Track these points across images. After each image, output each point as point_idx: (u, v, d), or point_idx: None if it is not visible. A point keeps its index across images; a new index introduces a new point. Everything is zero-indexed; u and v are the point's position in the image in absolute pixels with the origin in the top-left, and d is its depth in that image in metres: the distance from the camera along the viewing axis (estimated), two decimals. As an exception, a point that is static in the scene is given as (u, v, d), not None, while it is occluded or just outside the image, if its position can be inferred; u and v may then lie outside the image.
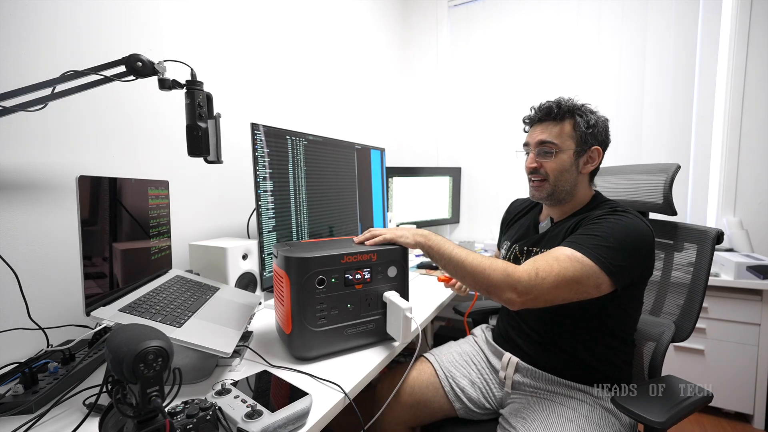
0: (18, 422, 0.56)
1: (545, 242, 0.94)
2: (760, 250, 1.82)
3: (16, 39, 0.80)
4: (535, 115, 0.95)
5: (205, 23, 1.24)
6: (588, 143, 0.90)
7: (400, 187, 2.09)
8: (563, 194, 0.92)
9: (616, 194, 1.15)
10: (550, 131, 0.91)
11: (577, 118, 0.90)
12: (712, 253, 0.93)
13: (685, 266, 1.00)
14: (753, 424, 1.65)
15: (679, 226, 1.03)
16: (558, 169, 0.90)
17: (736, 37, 1.83)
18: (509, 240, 1.08)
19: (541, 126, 0.93)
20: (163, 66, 0.74)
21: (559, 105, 0.91)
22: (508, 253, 1.04)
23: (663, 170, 1.05)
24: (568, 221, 0.93)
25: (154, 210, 0.94)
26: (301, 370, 0.74)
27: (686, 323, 0.95)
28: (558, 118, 0.91)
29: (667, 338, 0.93)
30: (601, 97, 2.12)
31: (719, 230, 0.93)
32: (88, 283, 0.66)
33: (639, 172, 1.12)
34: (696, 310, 0.93)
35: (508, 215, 1.21)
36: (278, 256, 0.81)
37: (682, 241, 1.02)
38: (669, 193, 1.01)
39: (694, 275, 0.96)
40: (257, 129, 1.04)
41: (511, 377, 0.94)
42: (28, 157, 0.83)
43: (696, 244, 0.97)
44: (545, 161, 0.91)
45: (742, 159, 1.86)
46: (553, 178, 0.91)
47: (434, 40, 2.56)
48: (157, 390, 0.43)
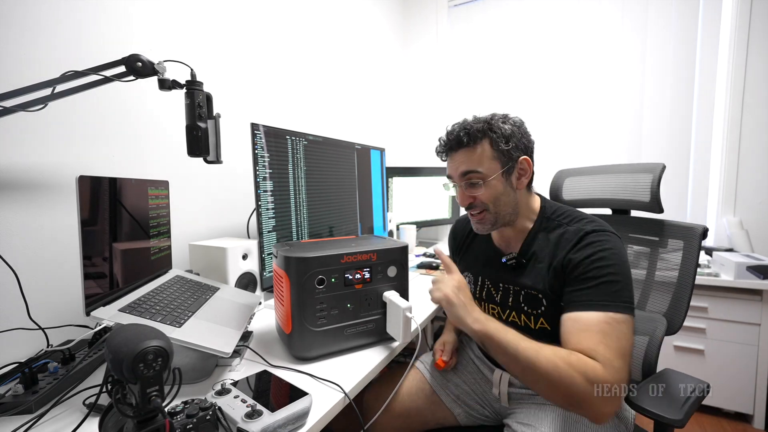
0: (18, 422, 0.56)
1: (524, 276, 0.86)
2: (760, 250, 1.82)
3: (17, 39, 0.80)
4: (446, 146, 0.87)
5: (205, 23, 1.24)
6: (512, 157, 0.83)
7: (400, 187, 2.09)
8: (507, 218, 0.86)
9: (602, 194, 1.18)
10: (469, 159, 0.83)
11: (491, 135, 0.82)
12: (699, 249, 0.95)
13: (671, 262, 1.02)
14: (753, 424, 1.65)
15: (665, 224, 1.05)
16: (493, 196, 0.83)
17: (736, 37, 1.83)
18: (471, 271, 1.00)
19: (457, 155, 0.86)
20: (163, 66, 0.74)
21: (468, 131, 0.82)
22: (479, 288, 0.97)
23: (649, 169, 1.07)
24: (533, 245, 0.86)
25: (154, 210, 0.94)
26: (301, 370, 0.74)
27: (676, 317, 0.96)
28: (471, 143, 0.83)
29: (661, 332, 0.94)
30: (600, 97, 2.12)
31: (704, 226, 0.95)
32: (88, 283, 0.66)
33: (625, 171, 1.14)
34: (685, 304, 0.95)
35: (455, 239, 1.10)
36: (278, 256, 0.81)
37: (668, 238, 1.04)
38: (657, 191, 1.02)
39: (682, 270, 0.98)
40: (257, 129, 1.04)
41: (506, 393, 0.90)
42: (28, 157, 0.83)
43: (682, 241, 0.99)
44: (476, 192, 0.84)
45: (742, 159, 1.86)
46: (493, 206, 0.84)
47: (434, 40, 2.57)
48: (156, 390, 0.43)
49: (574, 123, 2.21)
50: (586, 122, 2.18)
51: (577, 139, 2.21)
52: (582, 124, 2.19)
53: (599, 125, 2.15)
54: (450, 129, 0.86)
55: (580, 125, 2.19)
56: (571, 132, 2.22)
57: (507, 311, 0.90)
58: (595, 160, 2.16)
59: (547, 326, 0.83)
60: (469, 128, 0.83)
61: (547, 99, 2.25)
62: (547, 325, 0.83)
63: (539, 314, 0.84)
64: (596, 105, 2.14)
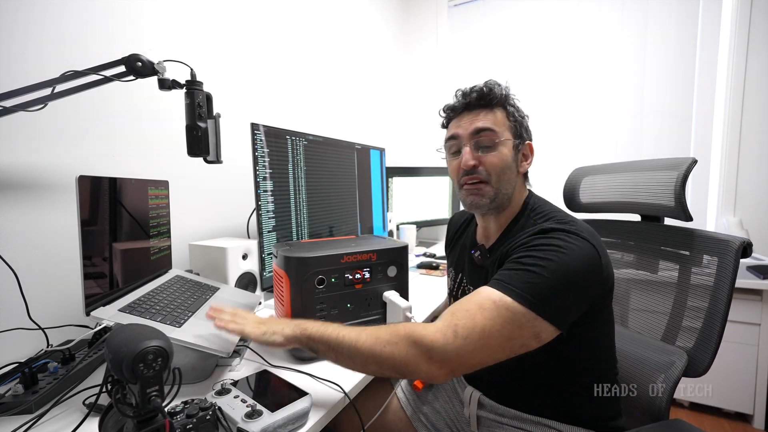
0: (18, 422, 0.56)
1: (490, 274, 0.74)
2: (760, 250, 1.82)
3: (18, 39, 0.80)
4: (463, 101, 0.78)
5: (206, 23, 1.24)
6: (522, 137, 0.78)
7: (400, 187, 2.09)
8: (504, 199, 0.76)
9: (612, 196, 1.00)
10: (486, 118, 0.75)
11: (508, 107, 0.77)
12: (735, 269, 0.74)
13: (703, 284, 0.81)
14: (753, 424, 1.65)
15: (696, 234, 0.83)
16: (500, 165, 0.74)
17: (736, 37, 1.83)
18: (453, 266, 0.94)
19: (471, 114, 0.77)
20: (162, 66, 0.74)
21: (491, 89, 0.75)
22: (456, 286, 0.91)
23: (674, 166, 0.85)
24: (501, 243, 0.77)
25: (154, 210, 0.94)
26: (301, 370, 0.74)
27: (702, 355, 0.76)
28: (490, 105, 0.76)
29: (678, 370, 0.75)
30: (600, 97, 2.12)
31: (745, 240, 0.74)
32: (88, 283, 0.66)
33: (642, 169, 0.94)
34: (715, 339, 0.74)
35: (448, 233, 1.02)
36: (278, 256, 0.82)
37: (702, 253, 0.81)
38: (681, 193, 0.82)
39: (713, 294, 0.76)
40: (257, 129, 1.04)
41: (475, 414, 0.80)
42: (28, 157, 0.83)
43: (716, 257, 0.77)
44: (485, 156, 0.74)
45: (742, 159, 1.86)
46: (496, 177, 0.74)
47: (434, 40, 2.56)
48: (156, 390, 0.43)
49: (573, 123, 2.20)
50: (586, 122, 2.17)
51: (577, 139, 2.21)
52: (582, 124, 2.19)
53: (599, 125, 2.15)
54: (468, 88, 0.79)
55: (580, 125, 2.19)
56: (571, 132, 2.22)
57: None
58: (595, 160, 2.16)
59: None
60: (491, 88, 0.76)
61: (546, 99, 2.24)
62: None
63: None
64: (596, 105, 2.14)
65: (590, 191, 1.07)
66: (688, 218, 0.83)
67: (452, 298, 0.95)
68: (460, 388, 0.88)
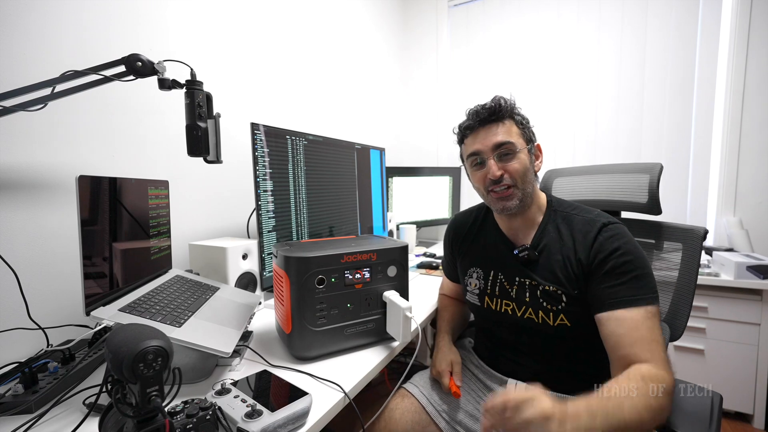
0: (18, 422, 0.56)
1: (540, 270, 0.85)
2: (760, 250, 1.82)
3: (17, 39, 0.80)
4: (477, 119, 0.87)
5: (206, 23, 1.24)
6: (532, 140, 0.89)
7: (400, 187, 2.09)
8: (529, 198, 0.87)
9: (596, 194, 1.15)
10: (502, 132, 0.85)
11: (516, 116, 0.88)
12: (700, 252, 0.93)
13: (671, 262, 1.00)
14: (753, 424, 1.65)
15: (664, 226, 1.03)
16: (522, 170, 0.85)
17: (736, 37, 1.83)
18: (480, 266, 0.97)
19: (486, 129, 0.86)
20: (162, 66, 0.74)
21: (500, 103, 0.86)
22: (491, 284, 0.93)
23: (646, 170, 1.04)
24: (543, 238, 0.87)
25: (154, 210, 0.94)
26: (301, 370, 0.74)
27: (678, 322, 0.94)
28: (501, 119, 0.86)
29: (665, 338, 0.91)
30: (601, 98, 2.12)
31: (705, 228, 0.94)
32: (88, 283, 0.66)
33: (620, 171, 1.12)
34: (687, 308, 0.92)
35: (457, 234, 1.06)
36: (278, 255, 0.82)
37: (665, 240, 1.02)
38: (656, 192, 1.00)
39: (682, 273, 0.96)
40: (257, 129, 1.04)
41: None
42: (28, 157, 0.83)
43: (681, 243, 0.98)
44: (508, 165, 0.85)
45: (742, 159, 1.86)
46: (520, 181, 0.85)
47: (434, 40, 2.56)
48: (156, 390, 0.43)
49: (573, 123, 2.21)
50: (586, 122, 2.18)
51: (577, 139, 2.21)
52: (582, 124, 2.19)
53: (599, 125, 2.15)
54: (479, 106, 0.88)
55: (579, 125, 2.19)
56: (571, 132, 2.22)
57: (523, 308, 0.87)
58: (594, 161, 2.16)
59: (567, 323, 0.81)
60: (499, 103, 0.86)
61: (546, 99, 2.25)
62: (567, 321, 0.81)
63: (559, 311, 0.81)
64: (596, 105, 2.14)
65: (560, 190, 1.26)
66: (659, 212, 1.02)
67: (486, 296, 0.94)
68: (497, 382, 0.91)
